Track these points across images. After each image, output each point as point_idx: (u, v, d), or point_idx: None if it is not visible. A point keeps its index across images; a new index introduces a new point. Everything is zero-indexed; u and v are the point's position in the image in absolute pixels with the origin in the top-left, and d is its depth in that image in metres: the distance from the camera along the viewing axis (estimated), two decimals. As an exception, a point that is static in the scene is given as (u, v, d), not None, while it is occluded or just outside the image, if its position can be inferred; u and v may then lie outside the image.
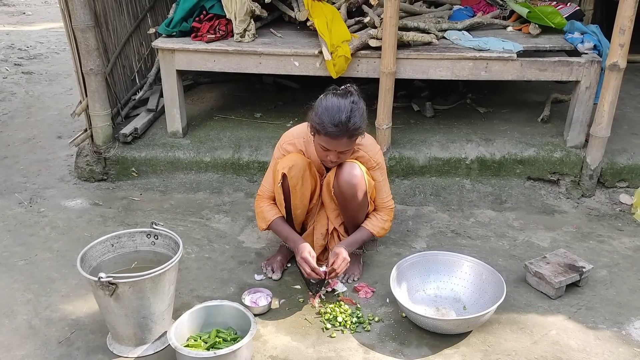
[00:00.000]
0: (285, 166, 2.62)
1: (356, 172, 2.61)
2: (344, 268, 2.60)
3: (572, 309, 2.64)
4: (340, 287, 2.75)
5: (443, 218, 3.38)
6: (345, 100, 2.46)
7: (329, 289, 2.73)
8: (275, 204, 2.79)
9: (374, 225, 2.79)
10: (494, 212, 3.44)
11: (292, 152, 2.71)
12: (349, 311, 2.59)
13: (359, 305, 2.65)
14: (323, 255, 2.90)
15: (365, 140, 2.70)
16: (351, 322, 2.53)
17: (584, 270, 2.73)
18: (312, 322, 2.56)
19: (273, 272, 2.84)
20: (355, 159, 2.67)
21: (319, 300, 2.65)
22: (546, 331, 2.50)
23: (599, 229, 3.28)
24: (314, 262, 2.57)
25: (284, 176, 2.63)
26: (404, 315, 2.57)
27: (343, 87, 2.55)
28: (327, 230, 2.87)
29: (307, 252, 2.59)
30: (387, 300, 2.68)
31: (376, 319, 2.56)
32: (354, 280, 2.82)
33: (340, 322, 2.53)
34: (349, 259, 2.63)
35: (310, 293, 2.68)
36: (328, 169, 2.76)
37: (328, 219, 2.86)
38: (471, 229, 3.28)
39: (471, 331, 2.49)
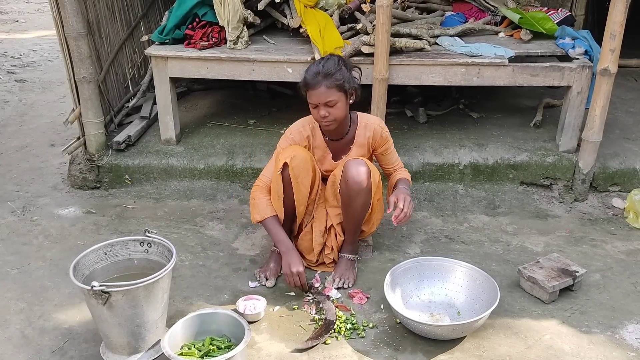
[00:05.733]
0: (288, 156, 2.68)
1: (363, 169, 2.66)
2: (410, 209, 2.66)
3: (566, 314, 2.64)
4: (334, 294, 2.74)
5: (437, 223, 3.39)
6: (324, 58, 2.74)
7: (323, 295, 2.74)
8: None
9: (406, 173, 2.93)
10: (488, 217, 3.45)
11: (298, 140, 2.79)
12: (344, 317, 2.59)
13: (353, 312, 2.64)
14: (321, 254, 2.92)
15: (371, 118, 2.88)
16: (345, 328, 2.53)
17: (577, 274, 2.74)
18: (307, 329, 2.55)
19: (267, 280, 2.83)
20: (372, 134, 2.81)
21: (313, 306, 2.65)
22: (540, 336, 2.51)
23: (592, 233, 3.29)
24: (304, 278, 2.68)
25: (285, 165, 2.67)
26: (398, 321, 2.57)
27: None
28: (325, 227, 2.89)
29: (297, 267, 2.68)
30: (382, 306, 2.68)
31: (370, 325, 2.56)
32: (348, 286, 2.82)
33: (334, 329, 2.53)
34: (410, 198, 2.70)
35: (306, 296, 2.71)
36: (328, 174, 2.82)
37: (328, 215, 2.88)
38: (465, 234, 3.28)
39: (465, 336, 2.49)
